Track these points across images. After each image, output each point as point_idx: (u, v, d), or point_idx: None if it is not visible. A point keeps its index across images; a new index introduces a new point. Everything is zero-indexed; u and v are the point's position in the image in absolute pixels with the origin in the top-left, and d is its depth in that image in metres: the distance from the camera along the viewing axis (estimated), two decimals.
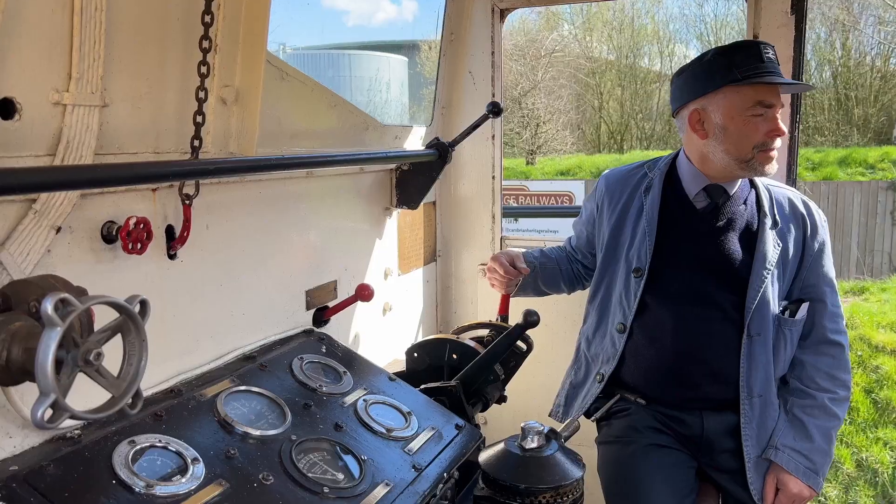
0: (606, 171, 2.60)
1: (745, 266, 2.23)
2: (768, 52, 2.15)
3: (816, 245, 2.29)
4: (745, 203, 2.32)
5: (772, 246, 2.24)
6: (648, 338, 2.34)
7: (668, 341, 2.30)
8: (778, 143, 2.19)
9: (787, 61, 2.72)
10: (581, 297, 2.79)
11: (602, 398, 2.45)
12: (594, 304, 2.51)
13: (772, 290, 2.22)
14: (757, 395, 2.23)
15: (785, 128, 2.19)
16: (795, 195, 2.37)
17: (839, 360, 2.28)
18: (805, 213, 2.31)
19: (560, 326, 3.11)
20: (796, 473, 2.18)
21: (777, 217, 2.28)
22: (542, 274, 2.69)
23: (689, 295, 2.27)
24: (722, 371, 2.25)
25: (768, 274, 2.21)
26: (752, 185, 2.35)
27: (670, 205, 2.35)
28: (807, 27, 2.74)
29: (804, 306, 2.28)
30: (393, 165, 2.81)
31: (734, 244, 2.26)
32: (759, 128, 2.15)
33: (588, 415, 2.46)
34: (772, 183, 2.38)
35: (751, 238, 2.26)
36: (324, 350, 2.21)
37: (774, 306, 2.23)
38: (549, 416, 2.56)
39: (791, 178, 2.71)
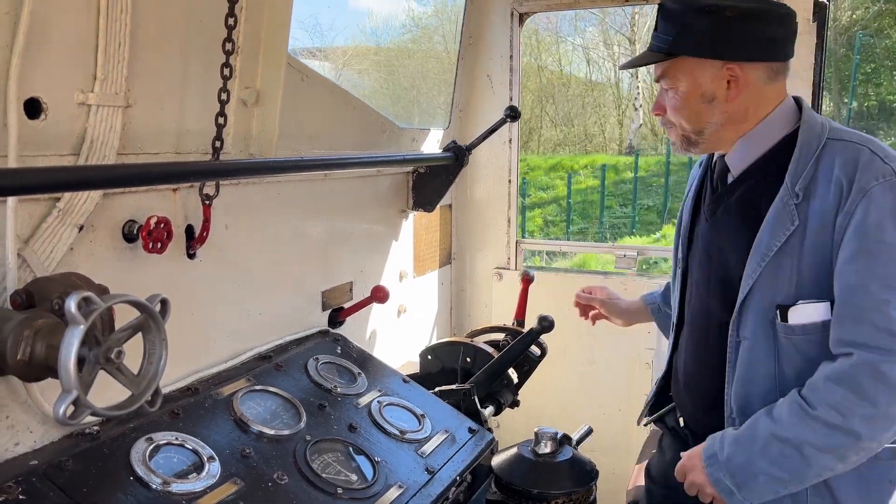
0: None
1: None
2: None
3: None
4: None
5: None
6: (686, 349, 1.94)
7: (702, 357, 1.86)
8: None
9: (808, 68, 2.70)
10: None
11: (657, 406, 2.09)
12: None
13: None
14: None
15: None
16: None
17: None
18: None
19: (575, 332, 3.11)
20: (703, 452, 1.66)
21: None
22: (657, 317, 2.32)
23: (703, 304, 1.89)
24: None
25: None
26: None
27: (707, 190, 1.92)
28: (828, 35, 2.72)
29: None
30: (410, 168, 2.82)
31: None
32: None
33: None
34: None
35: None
36: (339, 351, 2.22)
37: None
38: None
39: None
